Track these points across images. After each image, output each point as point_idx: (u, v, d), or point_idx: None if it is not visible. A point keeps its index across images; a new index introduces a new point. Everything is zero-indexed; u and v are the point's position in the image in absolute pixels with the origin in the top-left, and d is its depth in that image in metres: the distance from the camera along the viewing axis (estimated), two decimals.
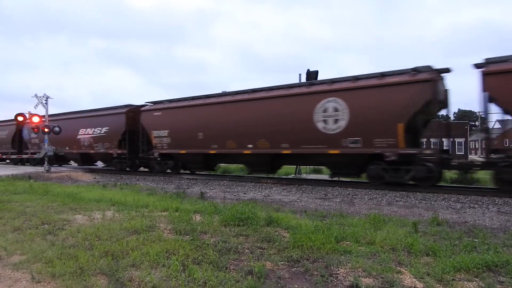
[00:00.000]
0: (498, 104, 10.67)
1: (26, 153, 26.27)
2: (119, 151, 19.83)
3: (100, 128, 20.69)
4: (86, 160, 23.31)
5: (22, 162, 27.94)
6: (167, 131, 17.64)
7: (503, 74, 10.12)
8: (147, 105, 19.56)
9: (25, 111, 23.01)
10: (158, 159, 18.52)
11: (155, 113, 18.38)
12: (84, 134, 21.76)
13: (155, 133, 18.18)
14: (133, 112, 19.73)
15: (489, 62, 10.62)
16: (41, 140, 23.58)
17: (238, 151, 15.07)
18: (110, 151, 20.20)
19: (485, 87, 10.49)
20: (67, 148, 22.68)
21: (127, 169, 20.47)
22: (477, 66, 10.78)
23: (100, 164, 24.19)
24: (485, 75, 10.46)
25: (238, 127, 14.94)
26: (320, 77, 16.49)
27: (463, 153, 40.66)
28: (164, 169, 18.46)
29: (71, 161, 25.88)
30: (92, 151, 21.43)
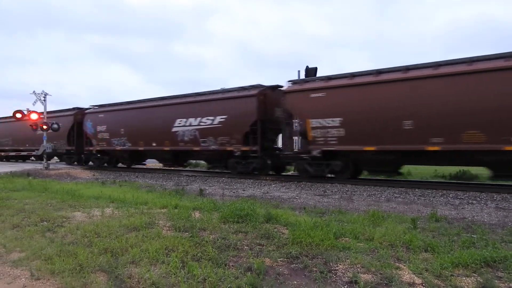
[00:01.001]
0: None
1: (90, 151, 21.53)
2: (245, 148, 14.58)
3: (212, 118, 15.44)
4: (180, 159, 18.40)
5: (80, 161, 23.61)
6: (338, 119, 12.29)
7: None
8: (282, 85, 14.80)
9: (22, 108, 22.02)
10: (308, 158, 13.23)
11: (313, 95, 12.98)
12: (184, 126, 16.37)
13: (313, 122, 12.91)
14: (263, 95, 14.57)
15: None
16: (114, 135, 19.66)
17: (493, 147, 9.72)
18: (229, 148, 15.07)
19: None
20: (153, 144, 17.85)
21: (255, 172, 15.11)
22: None
23: (179, 164, 19.41)
24: None
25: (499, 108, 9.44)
26: (319, 73, 16.36)
27: None
28: (325, 172, 13.20)
29: (147, 160, 21.13)
30: (196, 148, 16.14)
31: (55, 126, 20.08)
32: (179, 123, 16.70)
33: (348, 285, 3.49)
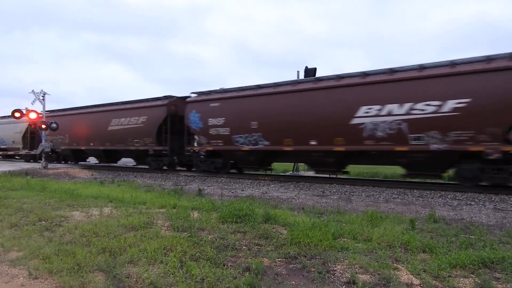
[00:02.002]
0: None
1: (195, 151, 16.55)
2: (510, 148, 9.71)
3: (437, 103, 10.28)
4: (341, 163, 13.22)
5: (171, 164, 18.22)
6: None
7: None
8: None
9: (19, 106, 21.43)
10: None
11: None
12: (376, 116, 11.47)
13: None
14: None
15: None
16: (239, 130, 14.70)
17: None
18: (473, 148, 10.04)
19: None
20: (312, 143, 12.87)
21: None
22: None
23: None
24: None
25: None
26: (318, 74, 16.32)
27: None
28: None
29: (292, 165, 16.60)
30: (400, 148, 11.16)
31: (54, 125, 20.01)
32: (367, 112, 11.73)
33: (346, 286, 3.49)
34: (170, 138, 17.34)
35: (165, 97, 18.10)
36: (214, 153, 16.17)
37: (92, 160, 24.72)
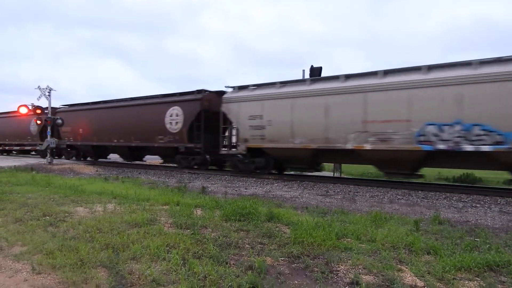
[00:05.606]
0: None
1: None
2: None
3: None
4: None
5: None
6: None
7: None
8: None
9: (19, 103, 21.64)
10: None
11: None
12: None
13: None
14: None
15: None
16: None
17: None
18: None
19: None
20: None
21: None
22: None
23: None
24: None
25: None
26: (324, 73, 16.26)
27: None
28: None
29: None
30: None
31: (59, 121, 20.13)
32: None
33: (349, 286, 3.47)
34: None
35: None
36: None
37: None
